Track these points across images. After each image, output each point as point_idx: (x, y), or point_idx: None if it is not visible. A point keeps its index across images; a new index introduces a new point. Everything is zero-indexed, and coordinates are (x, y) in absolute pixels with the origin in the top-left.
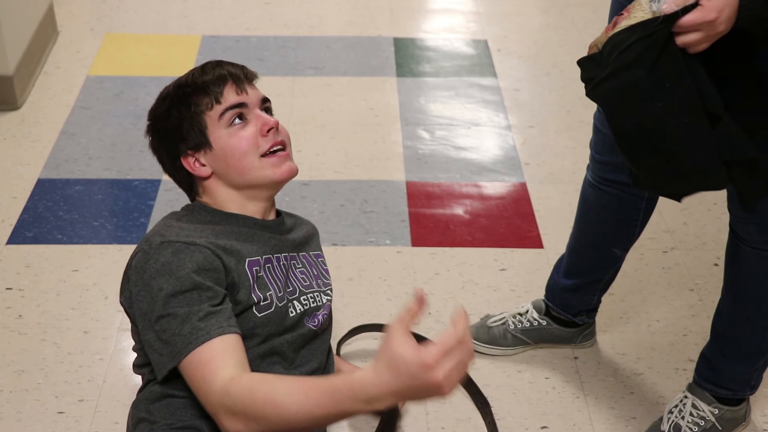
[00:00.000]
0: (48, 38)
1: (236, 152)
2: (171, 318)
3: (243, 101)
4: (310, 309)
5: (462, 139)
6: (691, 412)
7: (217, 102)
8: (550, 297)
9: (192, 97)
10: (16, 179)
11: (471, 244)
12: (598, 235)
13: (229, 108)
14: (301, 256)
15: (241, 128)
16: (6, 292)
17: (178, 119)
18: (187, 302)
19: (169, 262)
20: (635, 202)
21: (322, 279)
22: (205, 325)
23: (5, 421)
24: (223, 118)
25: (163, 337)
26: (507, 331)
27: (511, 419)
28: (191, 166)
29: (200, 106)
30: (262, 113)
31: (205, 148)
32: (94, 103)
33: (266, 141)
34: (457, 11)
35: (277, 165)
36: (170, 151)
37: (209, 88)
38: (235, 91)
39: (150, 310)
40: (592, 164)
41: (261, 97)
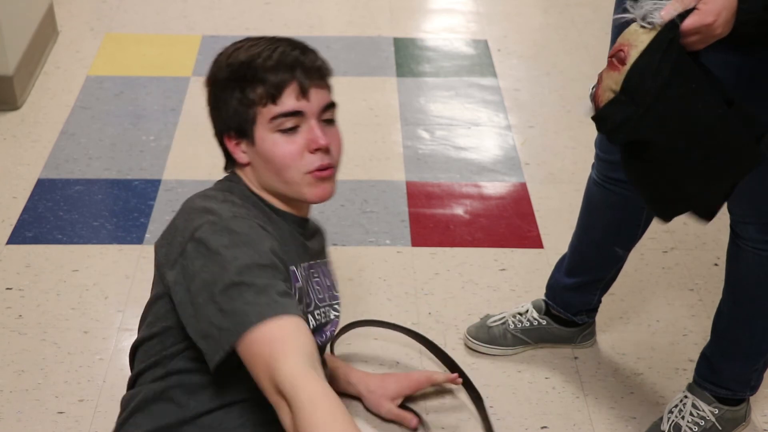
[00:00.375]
0: (48, 38)
1: (277, 162)
2: (246, 287)
3: (301, 109)
4: (320, 325)
5: (462, 139)
6: (691, 411)
7: (272, 102)
8: (551, 296)
9: (249, 84)
10: (16, 179)
11: (471, 244)
12: (601, 234)
13: (283, 115)
14: (318, 264)
15: (288, 138)
16: (6, 292)
17: (230, 96)
18: (265, 275)
19: (247, 233)
20: (639, 201)
21: (332, 291)
22: (284, 301)
23: (5, 421)
24: (274, 122)
25: (229, 307)
26: (507, 331)
27: (511, 419)
28: (232, 148)
29: (254, 97)
30: (316, 127)
31: (248, 140)
32: (94, 103)
33: (312, 160)
34: (457, 11)
35: (316, 185)
36: (216, 120)
37: (269, 85)
38: (296, 95)
39: (217, 279)
40: (597, 163)
41: (323, 105)
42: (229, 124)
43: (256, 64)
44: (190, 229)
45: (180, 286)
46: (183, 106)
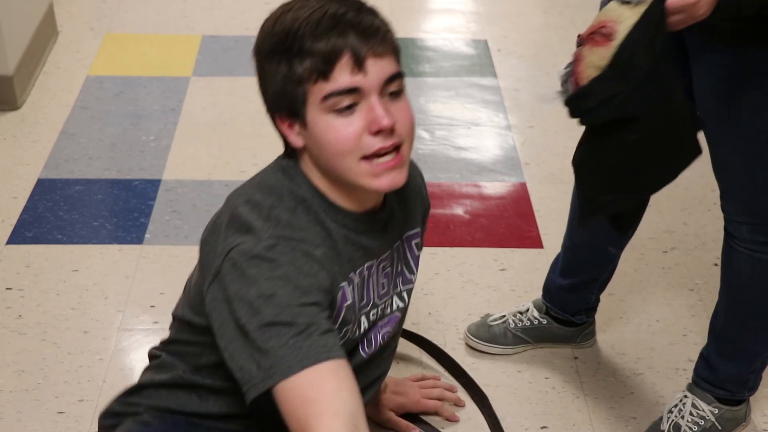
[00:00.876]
0: (48, 38)
1: (332, 148)
2: (285, 327)
3: (357, 86)
4: (376, 320)
5: (462, 139)
6: (691, 411)
7: (323, 78)
8: (548, 297)
9: (296, 56)
10: (16, 179)
11: (471, 244)
12: (592, 235)
13: (337, 93)
14: (395, 248)
15: (345, 120)
16: (6, 292)
17: (276, 71)
18: (307, 313)
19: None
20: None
21: (404, 274)
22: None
23: (5, 421)
24: (327, 101)
25: (267, 347)
26: (507, 330)
27: (511, 419)
28: (285, 130)
29: (302, 72)
30: (377, 104)
31: (301, 122)
32: (94, 103)
33: (373, 142)
34: (457, 11)
35: (377, 175)
36: (265, 98)
37: (317, 57)
38: (351, 69)
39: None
40: None
41: (385, 78)
42: (278, 103)
43: (302, 31)
44: (227, 245)
45: (216, 310)
46: (183, 106)
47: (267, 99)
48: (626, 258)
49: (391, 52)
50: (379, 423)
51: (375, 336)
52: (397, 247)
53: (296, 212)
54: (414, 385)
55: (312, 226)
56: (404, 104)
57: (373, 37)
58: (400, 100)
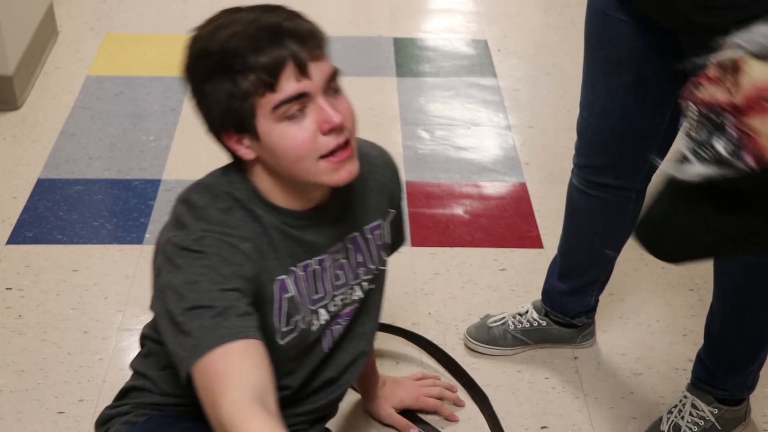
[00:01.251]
0: (48, 38)
1: (289, 154)
2: (206, 309)
3: (304, 90)
4: (338, 311)
5: (462, 139)
6: (691, 412)
7: (270, 90)
8: (548, 302)
9: (239, 73)
10: (16, 179)
11: (471, 244)
12: (589, 239)
13: (286, 101)
14: (349, 239)
15: (297, 125)
16: (6, 292)
17: (219, 91)
18: (226, 298)
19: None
20: (622, 204)
21: (366, 265)
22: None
23: (5, 421)
24: (277, 111)
25: (188, 328)
26: (507, 332)
27: (511, 419)
28: (233, 146)
29: (248, 87)
30: (325, 104)
31: (251, 135)
32: (94, 103)
33: (327, 141)
34: (457, 11)
35: (335, 170)
36: (208, 118)
37: (261, 70)
38: (296, 76)
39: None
40: (577, 169)
41: (327, 77)
42: (225, 121)
43: (241, 47)
44: (164, 237)
45: (154, 301)
46: (183, 106)
47: (210, 119)
48: (626, 258)
49: (325, 53)
50: (379, 419)
51: (335, 329)
52: (353, 239)
53: (230, 211)
54: (414, 383)
55: (245, 224)
56: (345, 99)
57: (310, 41)
58: (341, 96)
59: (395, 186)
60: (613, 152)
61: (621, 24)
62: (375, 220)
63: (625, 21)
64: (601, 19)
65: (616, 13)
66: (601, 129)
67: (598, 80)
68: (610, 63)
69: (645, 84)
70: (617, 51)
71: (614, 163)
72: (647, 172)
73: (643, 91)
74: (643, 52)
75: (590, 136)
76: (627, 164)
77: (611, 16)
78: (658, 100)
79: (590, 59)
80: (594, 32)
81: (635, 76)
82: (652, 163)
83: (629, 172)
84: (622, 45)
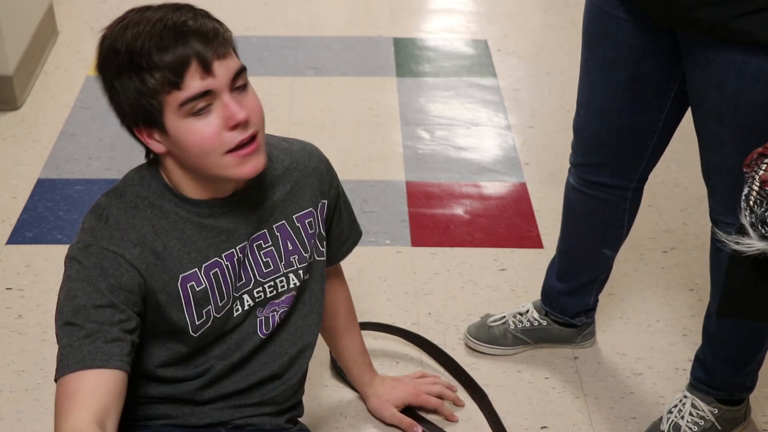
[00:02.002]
0: (48, 38)
1: (196, 149)
2: (77, 328)
3: (209, 88)
4: (265, 299)
5: (462, 139)
6: (691, 411)
7: (176, 88)
8: (547, 302)
9: (145, 71)
10: (16, 179)
11: (471, 244)
12: (586, 239)
13: (192, 99)
14: (276, 228)
15: (202, 120)
16: (6, 292)
17: (128, 87)
18: (98, 318)
19: (93, 267)
20: (618, 203)
21: (298, 253)
22: (107, 350)
23: (5, 421)
24: (183, 108)
25: (61, 344)
26: (507, 331)
27: (511, 419)
28: (144, 139)
29: (154, 85)
30: (230, 101)
31: (160, 129)
32: (94, 103)
33: (232, 136)
34: (457, 11)
35: (242, 164)
36: (119, 111)
37: (166, 69)
38: (200, 74)
39: (60, 312)
40: (574, 168)
41: (232, 74)
42: (135, 115)
43: (147, 47)
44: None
45: None
46: None
47: (121, 112)
48: (626, 258)
49: (231, 49)
50: (383, 420)
51: (272, 316)
52: (280, 227)
53: (133, 209)
54: (414, 380)
55: (146, 223)
56: (252, 95)
57: (214, 40)
58: (248, 92)
59: (324, 176)
60: (609, 150)
61: (619, 22)
62: (304, 209)
63: (623, 19)
64: (600, 17)
65: (614, 10)
66: (597, 127)
67: (595, 78)
68: (608, 61)
69: (642, 82)
70: (615, 49)
71: (610, 162)
72: (643, 171)
73: (640, 90)
74: (640, 51)
75: (586, 134)
76: (622, 163)
77: (609, 13)
78: (654, 98)
79: (588, 57)
80: (592, 30)
81: (632, 74)
82: (648, 162)
83: (625, 171)
84: (619, 43)
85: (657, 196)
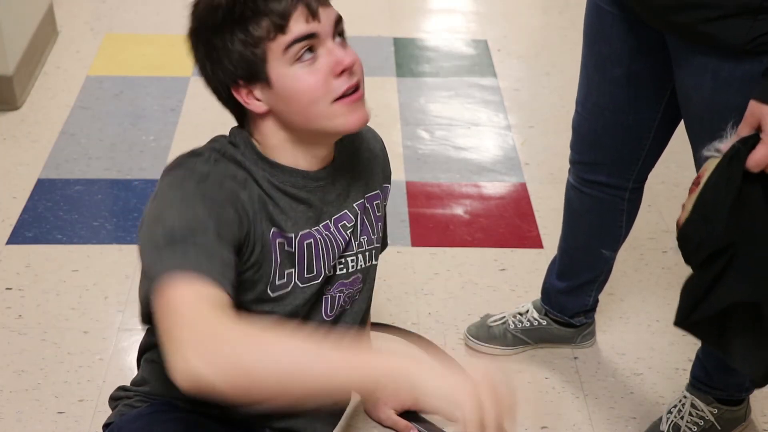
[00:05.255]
0: (48, 38)
1: (303, 98)
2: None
3: (314, 31)
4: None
5: (462, 139)
6: (690, 412)
7: (281, 32)
8: (546, 300)
9: (252, 20)
10: (16, 179)
11: (471, 244)
12: (586, 238)
13: (297, 41)
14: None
15: (309, 67)
16: (6, 292)
17: (230, 41)
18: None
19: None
20: (617, 203)
21: (368, 234)
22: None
23: (5, 421)
24: (288, 52)
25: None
26: (507, 331)
27: None
28: (244, 99)
29: (260, 33)
30: (335, 47)
31: (263, 83)
32: (94, 103)
33: (340, 83)
34: (457, 11)
35: (350, 112)
36: (217, 73)
37: (274, 15)
38: (305, 17)
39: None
40: (572, 166)
41: (334, 20)
42: (235, 72)
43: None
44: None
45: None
46: (183, 106)
47: (218, 74)
48: (626, 258)
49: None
50: (379, 421)
51: (338, 296)
52: (359, 205)
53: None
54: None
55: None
56: (350, 48)
57: None
58: (346, 42)
59: (386, 161)
60: (605, 148)
61: (614, 18)
62: (373, 190)
63: (617, 15)
64: (596, 13)
65: (609, 7)
66: (593, 124)
67: (592, 75)
68: (603, 57)
69: (636, 79)
70: (609, 45)
71: (606, 160)
72: (640, 171)
73: (635, 87)
74: (634, 47)
75: (583, 131)
76: (619, 161)
77: (605, 10)
78: (649, 95)
79: (585, 53)
80: (589, 26)
81: (626, 70)
82: (644, 162)
83: (621, 170)
84: (614, 39)
85: (657, 196)
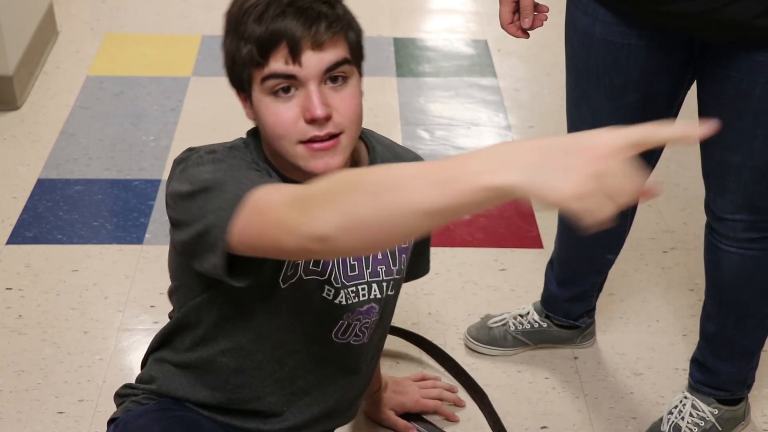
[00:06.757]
0: (48, 38)
1: (269, 130)
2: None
3: (291, 73)
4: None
5: (462, 139)
6: (691, 412)
7: (257, 65)
8: (550, 308)
9: (241, 39)
10: (16, 179)
11: (471, 244)
12: (591, 248)
13: (271, 76)
14: None
15: (283, 104)
16: (6, 292)
17: (230, 49)
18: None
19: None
20: (624, 211)
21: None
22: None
23: (5, 421)
24: (265, 84)
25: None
26: (507, 333)
27: (511, 419)
28: (242, 103)
29: (246, 56)
30: (313, 92)
31: (249, 99)
32: (94, 103)
33: (307, 129)
34: (457, 11)
35: (312, 158)
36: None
37: (255, 43)
38: (285, 59)
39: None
40: None
41: (325, 68)
42: (233, 78)
43: (248, 14)
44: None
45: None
46: (183, 106)
47: (227, 73)
48: (626, 258)
49: (339, 40)
50: (378, 422)
51: (355, 324)
52: None
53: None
54: (414, 385)
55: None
56: (349, 93)
57: (316, 24)
58: (345, 88)
59: None
60: None
61: (630, 49)
62: None
63: (635, 45)
64: (605, 49)
65: (624, 39)
66: None
67: (601, 106)
68: (615, 87)
69: (652, 101)
70: (624, 75)
71: None
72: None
73: (650, 109)
74: (653, 71)
75: None
76: None
77: (618, 43)
78: (663, 113)
79: (587, 87)
80: (594, 61)
81: (643, 95)
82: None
83: None
84: (630, 68)
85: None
